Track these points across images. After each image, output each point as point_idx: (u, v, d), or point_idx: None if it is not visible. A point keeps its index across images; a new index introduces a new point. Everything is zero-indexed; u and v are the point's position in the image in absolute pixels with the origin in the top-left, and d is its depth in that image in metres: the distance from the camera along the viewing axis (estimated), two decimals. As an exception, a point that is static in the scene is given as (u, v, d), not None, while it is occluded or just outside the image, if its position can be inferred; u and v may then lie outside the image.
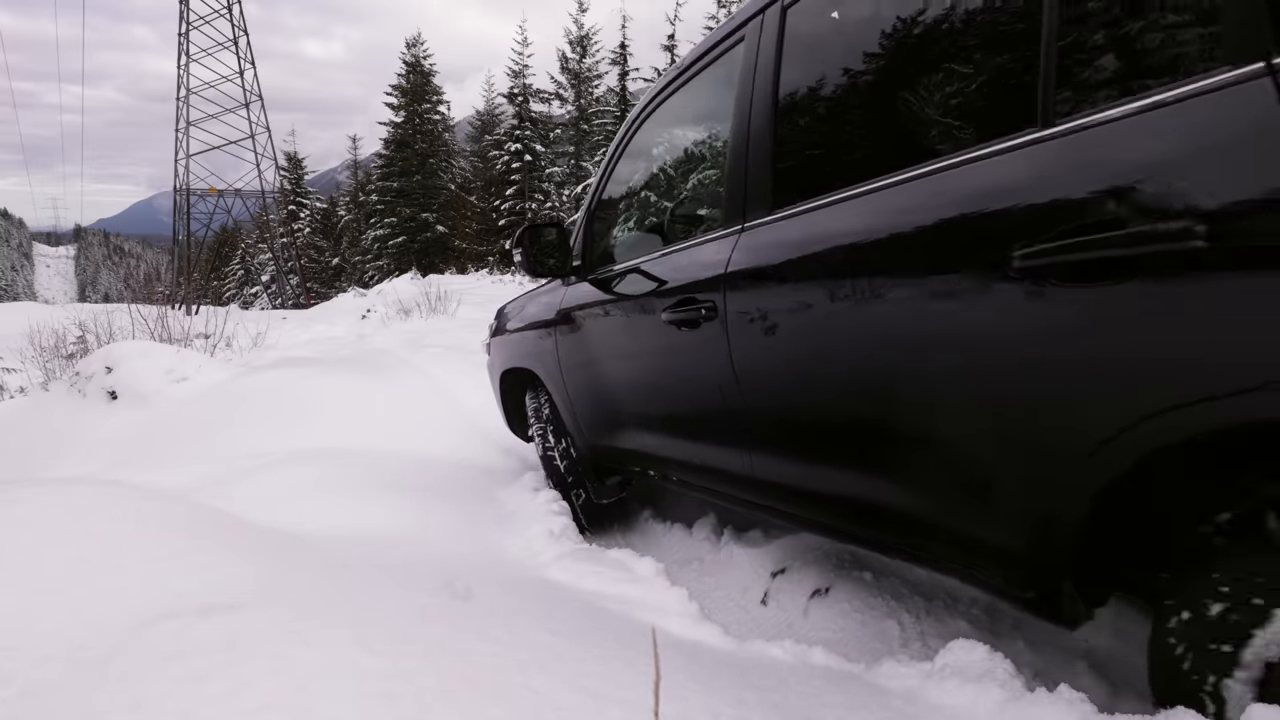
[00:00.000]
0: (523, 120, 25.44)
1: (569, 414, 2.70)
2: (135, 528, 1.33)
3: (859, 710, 1.24)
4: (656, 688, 0.67)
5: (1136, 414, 0.93)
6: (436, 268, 23.08)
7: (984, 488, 1.22)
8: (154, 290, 12.56)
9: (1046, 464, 1.09)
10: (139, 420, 4.13)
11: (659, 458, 2.23)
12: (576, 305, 2.49)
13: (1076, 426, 1.02)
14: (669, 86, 2.12)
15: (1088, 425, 1.00)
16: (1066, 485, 1.06)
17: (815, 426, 1.61)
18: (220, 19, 35.63)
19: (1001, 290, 1.08)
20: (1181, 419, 0.90)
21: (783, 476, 1.70)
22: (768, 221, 1.62)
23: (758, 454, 1.76)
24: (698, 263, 1.84)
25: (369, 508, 2.43)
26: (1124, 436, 0.95)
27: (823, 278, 1.46)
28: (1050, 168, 1.02)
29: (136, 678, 0.94)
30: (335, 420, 3.72)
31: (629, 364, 2.29)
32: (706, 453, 1.97)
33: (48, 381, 6.11)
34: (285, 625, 1.10)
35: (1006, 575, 1.23)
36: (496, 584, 1.62)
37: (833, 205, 1.44)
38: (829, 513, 1.61)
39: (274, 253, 35.92)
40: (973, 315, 1.14)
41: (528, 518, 2.61)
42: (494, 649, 1.16)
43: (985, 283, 1.11)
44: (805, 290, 1.51)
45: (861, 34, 1.52)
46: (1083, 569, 1.12)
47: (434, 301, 11.18)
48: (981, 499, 1.23)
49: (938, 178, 1.21)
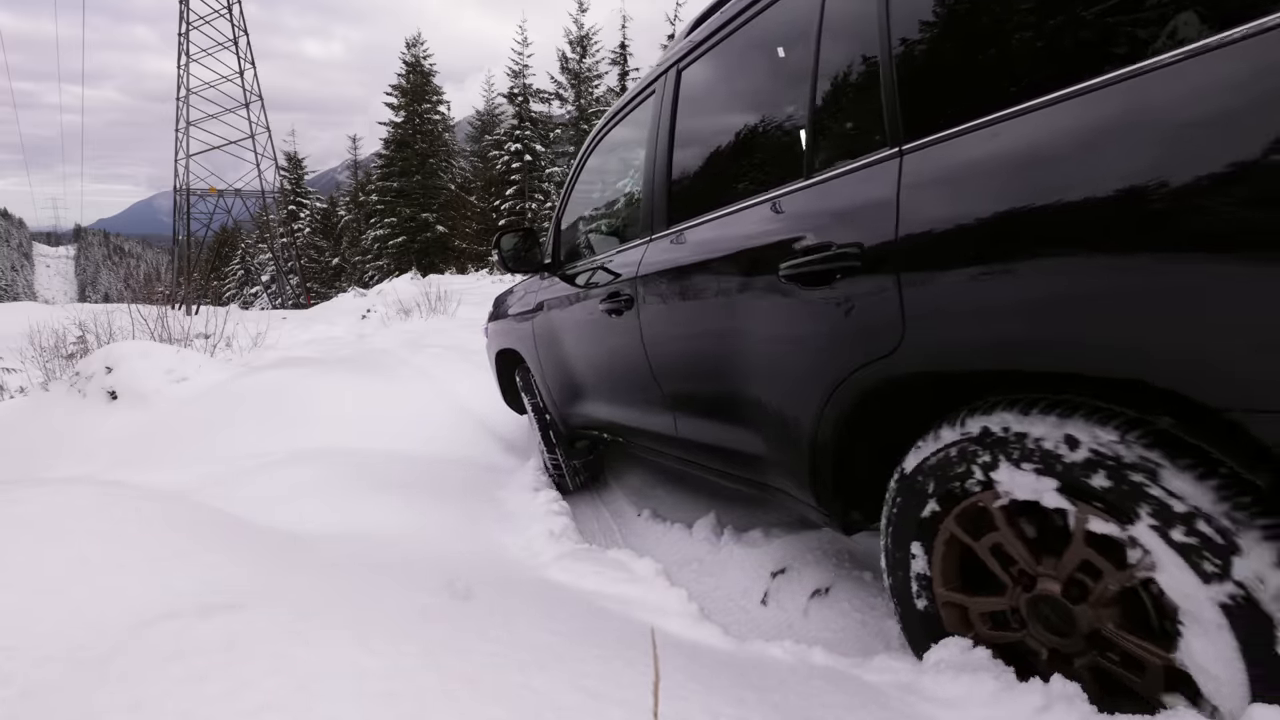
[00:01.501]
0: (523, 120, 25.45)
1: (544, 388, 3.18)
2: (135, 528, 1.33)
3: (859, 710, 1.24)
4: (656, 688, 0.67)
5: (846, 369, 1.39)
6: (436, 268, 23.09)
7: (787, 430, 1.63)
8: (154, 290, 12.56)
9: (811, 406, 1.51)
10: (139, 420, 4.13)
11: (610, 423, 2.70)
12: (547, 296, 2.95)
13: (820, 379, 1.46)
14: (609, 122, 2.62)
15: (825, 378, 1.45)
16: (824, 417, 1.49)
17: (697, 392, 2.03)
18: (220, 19, 35.65)
19: (778, 290, 1.53)
20: (867, 374, 1.35)
21: (691, 434, 2.11)
22: (664, 234, 2.08)
23: (674, 416, 2.18)
24: (622, 264, 2.30)
25: (368, 507, 2.43)
26: (841, 386, 1.41)
27: (688, 278, 1.91)
28: (805, 206, 1.50)
29: (136, 678, 0.95)
30: (335, 420, 3.73)
31: (582, 346, 2.72)
32: (640, 417, 2.41)
33: (48, 381, 6.11)
34: (285, 625, 1.10)
35: (815, 496, 1.61)
36: (496, 584, 1.62)
37: (698, 226, 1.91)
38: (721, 460, 1.99)
39: (274, 253, 35.93)
40: (766, 307, 1.59)
41: (528, 517, 2.61)
42: (494, 649, 1.16)
43: (771, 285, 1.55)
44: (679, 287, 1.97)
45: (712, 98, 2.03)
46: (850, 489, 1.55)
47: (434, 301, 11.18)
48: (788, 440, 1.63)
49: (751, 210, 1.68)
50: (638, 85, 2.38)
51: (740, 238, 1.69)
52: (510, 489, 3.01)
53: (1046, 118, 1.00)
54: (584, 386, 2.80)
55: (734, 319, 1.71)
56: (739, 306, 1.69)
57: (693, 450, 2.13)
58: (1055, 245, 0.99)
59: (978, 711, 1.23)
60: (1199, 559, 0.91)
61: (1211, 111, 0.83)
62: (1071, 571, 1.12)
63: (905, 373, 1.28)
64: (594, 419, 2.81)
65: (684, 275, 1.94)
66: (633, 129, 2.43)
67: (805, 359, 1.51)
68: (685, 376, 2.06)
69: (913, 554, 1.37)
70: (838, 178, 1.42)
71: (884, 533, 1.43)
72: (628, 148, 2.51)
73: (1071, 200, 0.96)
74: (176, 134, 35.64)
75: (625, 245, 2.34)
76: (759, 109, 1.81)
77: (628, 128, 2.49)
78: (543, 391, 3.20)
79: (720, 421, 1.92)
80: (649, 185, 2.19)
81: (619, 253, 2.37)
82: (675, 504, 2.96)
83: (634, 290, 2.19)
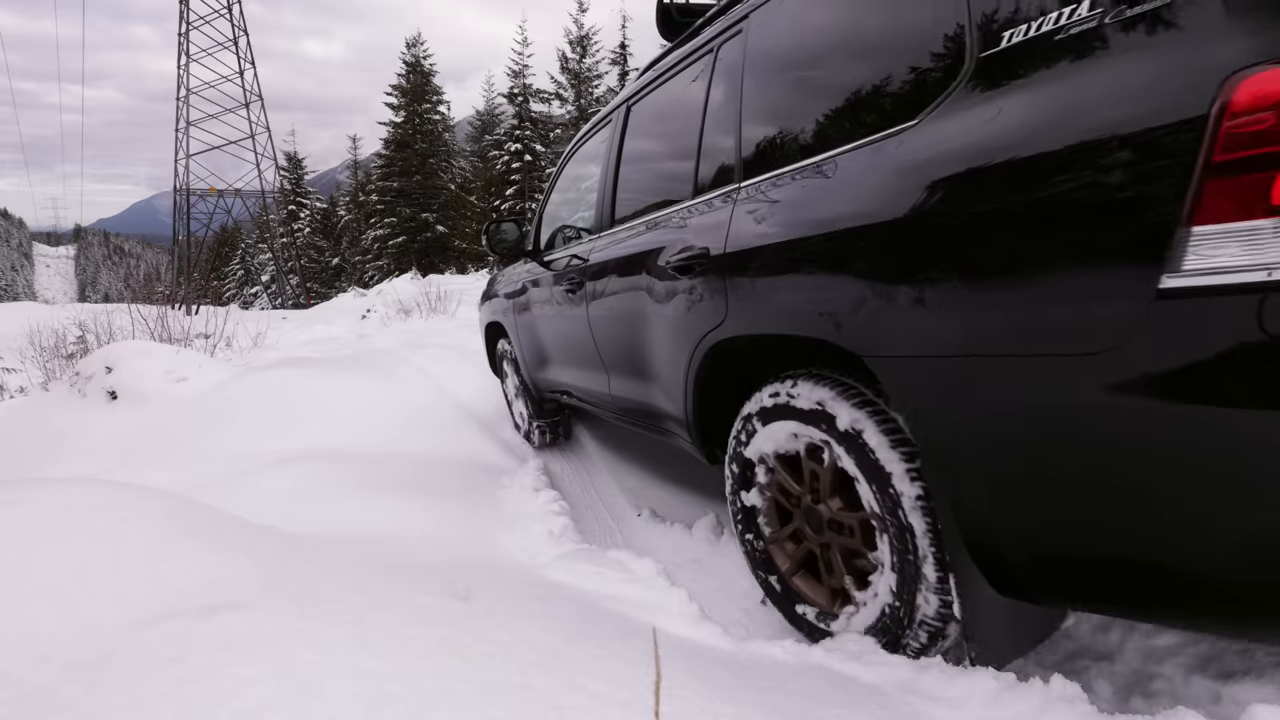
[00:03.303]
0: (523, 120, 25.44)
1: (520, 356, 3.76)
2: (135, 528, 1.33)
3: (859, 710, 1.24)
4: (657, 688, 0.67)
5: (701, 332, 1.91)
6: (436, 268, 23.08)
7: (672, 385, 2.15)
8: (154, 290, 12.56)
9: (683, 364, 2.03)
10: (139, 420, 4.13)
11: (568, 385, 3.24)
12: (527, 278, 3.50)
13: (688, 343, 1.98)
14: (583, 138, 3.21)
15: (690, 342, 1.97)
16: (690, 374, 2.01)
17: (620, 358, 2.54)
18: (220, 19, 35.67)
19: (667, 277, 2.07)
20: (709, 339, 1.88)
21: (619, 392, 2.65)
22: (607, 233, 2.65)
23: (609, 378, 2.71)
24: (579, 253, 2.87)
25: (369, 507, 2.43)
26: (699, 343, 1.93)
27: (616, 267, 2.47)
28: (688, 219, 2.06)
29: (136, 678, 0.95)
30: (335, 420, 3.73)
31: (548, 320, 3.26)
32: (587, 379, 2.95)
33: (48, 381, 6.11)
34: (285, 625, 1.10)
35: (690, 436, 2.16)
36: (497, 584, 1.62)
37: (628, 227, 2.46)
38: (638, 413, 2.56)
39: (274, 253, 35.92)
40: (660, 291, 2.13)
41: (528, 518, 2.61)
42: (494, 649, 1.16)
43: (663, 273, 2.09)
44: (610, 274, 2.51)
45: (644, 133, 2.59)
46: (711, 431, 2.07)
47: (434, 301, 11.18)
48: (673, 393, 2.15)
49: (661, 218, 2.23)
50: (603, 113, 2.99)
51: (651, 238, 2.24)
52: (510, 489, 3.01)
53: (793, 177, 1.64)
54: (549, 354, 3.36)
55: (642, 301, 2.25)
56: (646, 291, 2.22)
57: (620, 406, 2.71)
58: (793, 257, 1.59)
59: (978, 711, 1.24)
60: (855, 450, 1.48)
61: (878, 180, 1.37)
62: (811, 482, 1.68)
63: (728, 336, 1.82)
64: (557, 382, 3.35)
65: (614, 265, 2.49)
66: (597, 146, 2.98)
67: (681, 328, 2.03)
68: (613, 345, 2.58)
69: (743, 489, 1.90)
70: (706, 201, 1.99)
71: (726, 464, 1.93)
72: (594, 161, 3.01)
73: (800, 228, 1.57)
74: (176, 134, 35.64)
75: (583, 240, 2.92)
76: (670, 145, 2.39)
77: (594, 144, 3.03)
78: (519, 358, 3.79)
79: (636, 381, 2.46)
80: (600, 193, 2.78)
81: (578, 244, 2.94)
82: (675, 504, 2.96)
83: (583, 276, 2.75)
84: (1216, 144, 0.89)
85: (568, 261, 2.97)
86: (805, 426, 1.60)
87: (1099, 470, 1.07)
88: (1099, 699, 1.43)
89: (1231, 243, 0.88)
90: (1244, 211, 0.87)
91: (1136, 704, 1.41)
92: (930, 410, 1.30)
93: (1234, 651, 1.45)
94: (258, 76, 36.61)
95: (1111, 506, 1.07)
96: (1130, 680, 1.48)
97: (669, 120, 2.40)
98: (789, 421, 1.65)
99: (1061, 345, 1.05)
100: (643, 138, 2.60)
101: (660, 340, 2.17)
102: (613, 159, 2.72)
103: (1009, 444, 1.19)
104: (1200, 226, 0.90)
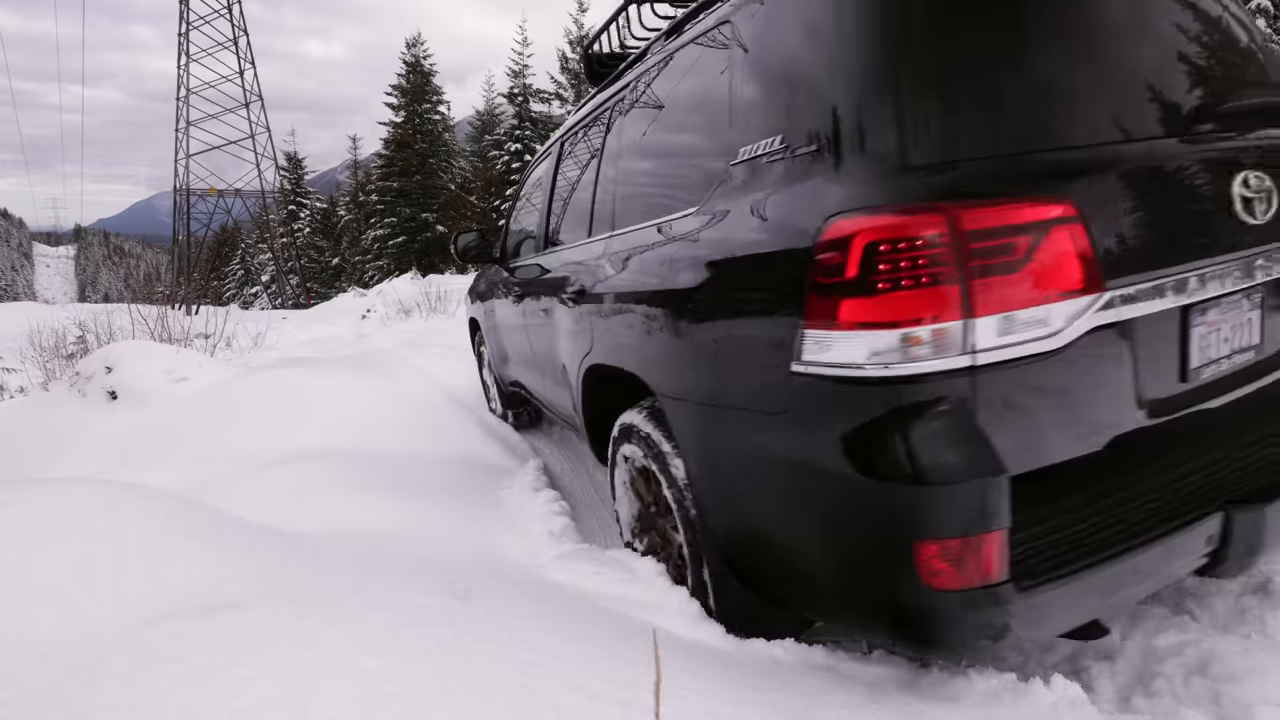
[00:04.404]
0: (523, 120, 25.43)
1: (490, 349, 4.22)
2: (135, 528, 1.33)
3: (859, 710, 1.24)
4: (657, 688, 0.67)
5: (581, 354, 2.25)
6: (436, 268, 23.04)
7: (571, 393, 2.46)
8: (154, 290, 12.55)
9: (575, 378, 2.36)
10: (139, 420, 4.13)
11: (518, 379, 3.66)
12: (496, 281, 3.88)
13: (576, 361, 2.32)
14: (536, 163, 3.59)
15: (577, 361, 2.31)
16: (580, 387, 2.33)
17: (543, 363, 2.90)
18: (220, 19, 35.65)
19: (565, 303, 2.41)
20: (585, 361, 2.22)
21: (545, 391, 3.05)
22: (543, 253, 2.99)
23: (541, 378, 3.03)
24: (525, 265, 3.25)
25: (368, 507, 2.43)
26: (580, 364, 2.28)
27: (539, 284, 2.86)
28: (581, 254, 2.39)
29: (136, 678, 0.95)
30: (335, 420, 3.72)
31: (505, 321, 3.64)
32: (529, 377, 3.33)
33: (48, 381, 6.11)
34: (285, 625, 1.10)
35: (587, 438, 2.45)
36: (496, 584, 1.62)
37: (553, 252, 2.83)
38: (557, 410, 2.97)
39: (274, 253, 35.92)
40: (562, 312, 2.47)
41: (528, 518, 2.61)
42: (493, 649, 1.16)
43: (563, 301, 2.44)
44: (537, 289, 2.90)
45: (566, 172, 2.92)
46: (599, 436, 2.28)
47: (434, 301, 11.18)
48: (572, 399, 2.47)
49: (567, 250, 2.61)
50: (550, 141, 3.30)
51: (559, 264, 2.62)
52: (510, 489, 3.01)
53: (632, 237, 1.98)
54: (507, 351, 3.75)
55: (554, 316, 2.58)
56: (555, 308, 2.56)
57: (550, 405, 3.08)
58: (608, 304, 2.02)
59: (977, 711, 1.24)
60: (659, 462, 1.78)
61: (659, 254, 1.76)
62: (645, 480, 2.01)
63: (594, 363, 2.15)
64: (512, 376, 3.79)
65: (542, 283, 2.83)
66: (542, 172, 3.32)
67: (571, 349, 2.38)
68: (540, 351, 2.93)
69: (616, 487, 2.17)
70: (591, 243, 2.32)
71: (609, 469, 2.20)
72: (540, 184, 3.33)
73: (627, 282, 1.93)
74: (176, 134, 35.63)
75: (531, 255, 3.26)
76: (579, 188, 2.67)
77: (542, 169, 3.37)
78: (488, 352, 4.27)
79: (553, 383, 2.81)
80: (541, 216, 3.13)
81: (527, 259, 3.29)
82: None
83: (524, 288, 3.14)
84: (814, 270, 1.20)
85: (518, 273, 3.36)
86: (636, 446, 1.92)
87: (775, 501, 1.42)
88: (1100, 699, 1.43)
89: (823, 344, 1.20)
90: (829, 323, 1.19)
91: (1138, 704, 1.41)
92: (687, 439, 1.66)
93: (1235, 652, 1.45)
94: (258, 76, 36.61)
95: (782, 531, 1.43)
96: (1131, 680, 1.48)
97: (580, 163, 2.72)
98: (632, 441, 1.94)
99: (756, 404, 1.38)
100: (567, 173, 2.92)
101: (563, 355, 2.52)
102: (547, 188, 3.09)
103: (729, 474, 1.52)
104: (809, 330, 1.22)
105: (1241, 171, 1.36)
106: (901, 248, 1.12)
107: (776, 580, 1.51)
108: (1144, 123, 1.35)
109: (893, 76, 1.22)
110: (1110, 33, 1.39)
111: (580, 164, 2.71)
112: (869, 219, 1.15)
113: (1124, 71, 1.38)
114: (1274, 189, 1.37)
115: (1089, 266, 1.18)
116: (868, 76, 1.25)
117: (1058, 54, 1.32)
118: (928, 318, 1.12)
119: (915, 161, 1.19)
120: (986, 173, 1.20)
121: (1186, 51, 1.47)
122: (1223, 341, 1.40)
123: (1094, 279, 1.18)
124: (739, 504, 1.52)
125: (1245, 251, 1.36)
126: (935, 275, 1.11)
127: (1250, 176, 1.35)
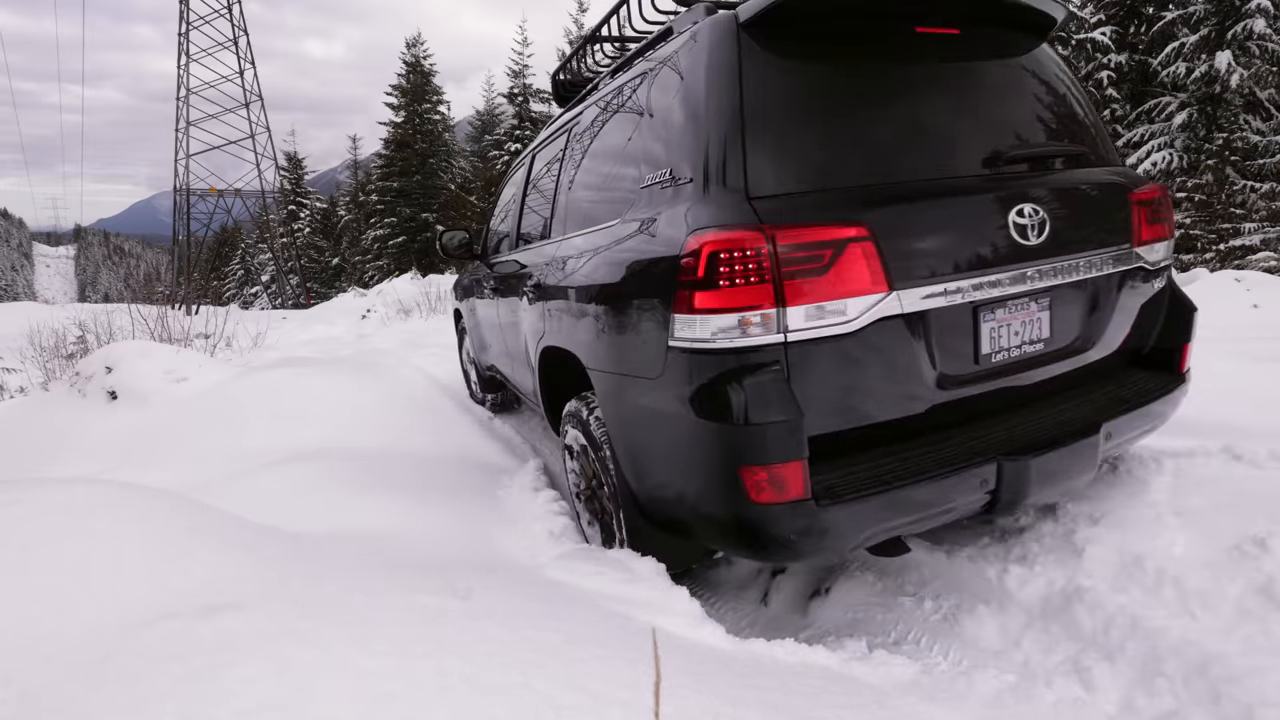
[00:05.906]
0: (523, 120, 25.42)
1: (470, 341, 4.57)
2: (136, 527, 1.33)
3: (859, 710, 1.24)
4: (657, 688, 0.67)
5: (538, 338, 2.64)
6: (436, 268, 23.03)
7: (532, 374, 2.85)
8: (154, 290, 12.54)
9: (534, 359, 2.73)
10: (139, 420, 4.12)
11: (493, 365, 4.03)
12: (473, 276, 4.28)
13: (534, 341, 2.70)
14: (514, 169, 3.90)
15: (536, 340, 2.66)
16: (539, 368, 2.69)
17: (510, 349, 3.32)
18: (220, 19, 35.59)
19: (527, 297, 2.79)
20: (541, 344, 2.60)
21: (512, 375, 3.49)
22: (514, 251, 3.32)
23: (510, 363, 3.42)
24: (501, 262, 3.55)
25: (368, 507, 2.43)
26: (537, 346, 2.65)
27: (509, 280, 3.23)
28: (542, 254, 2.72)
29: (136, 678, 0.94)
30: (335, 420, 3.72)
31: (482, 312, 4.01)
32: (501, 362, 3.71)
33: (48, 381, 6.11)
34: (286, 625, 1.10)
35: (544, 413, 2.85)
36: (497, 584, 1.62)
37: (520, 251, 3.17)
38: (522, 392, 3.37)
39: (274, 253, 35.89)
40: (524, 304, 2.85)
41: (528, 517, 2.60)
42: (494, 649, 1.16)
43: (526, 293, 2.80)
44: (506, 284, 3.27)
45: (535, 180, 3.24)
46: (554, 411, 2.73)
47: (434, 301, 11.18)
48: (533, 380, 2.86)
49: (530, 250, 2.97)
50: (524, 152, 3.67)
51: (527, 261, 2.94)
52: (510, 489, 3.01)
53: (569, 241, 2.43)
54: (485, 339, 4.10)
55: (517, 308, 2.98)
56: (521, 299, 2.90)
57: (517, 385, 3.46)
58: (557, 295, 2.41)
59: (977, 712, 1.23)
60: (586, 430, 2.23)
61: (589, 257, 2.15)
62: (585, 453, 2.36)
63: (547, 345, 2.51)
64: (488, 362, 4.15)
65: (508, 277, 3.24)
66: (517, 177, 3.70)
67: (530, 332, 2.76)
68: (507, 339, 3.32)
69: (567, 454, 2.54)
70: (549, 244, 2.67)
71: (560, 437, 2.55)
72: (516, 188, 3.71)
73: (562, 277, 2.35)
74: (176, 134, 35.59)
75: (505, 252, 3.56)
76: (541, 195, 3.04)
77: (518, 175, 3.72)
78: (469, 341, 4.63)
79: (521, 367, 3.14)
80: (514, 219, 3.51)
81: (503, 255, 3.60)
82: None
83: (499, 281, 3.47)
84: (679, 271, 1.60)
85: (495, 268, 3.71)
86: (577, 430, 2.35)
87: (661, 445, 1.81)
88: (1100, 699, 1.43)
89: (686, 325, 1.60)
90: (688, 309, 1.58)
91: (1138, 704, 1.41)
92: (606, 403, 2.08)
93: (1235, 652, 1.45)
94: (258, 76, 36.56)
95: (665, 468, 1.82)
96: (1132, 680, 1.48)
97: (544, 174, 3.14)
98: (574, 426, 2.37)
99: (647, 372, 1.78)
100: (536, 181, 3.31)
101: (526, 340, 2.91)
102: (521, 192, 3.49)
103: (632, 427, 1.94)
104: (676, 315, 1.62)
105: (1020, 204, 1.75)
106: (736, 256, 1.52)
107: (671, 513, 1.88)
108: (933, 165, 1.76)
109: (740, 134, 1.64)
110: (906, 99, 1.80)
111: (544, 174, 3.14)
112: (714, 234, 1.55)
113: (916, 128, 1.78)
114: (1046, 219, 1.78)
115: (877, 272, 1.58)
116: (724, 133, 1.66)
117: (860, 117, 1.76)
118: (754, 306, 1.52)
119: (754, 193, 1.59)
120: (803, 204, 1.61)
121: (977, 108, 1.89)
122: (1013, 334, 1.79)
123: (881, 281, 1.58)
124: (639, 453, 1.94)
125: (1020, 265, 1.75)
126: (759, 276, 1.52)
127: (1027, 208, 1.76)
